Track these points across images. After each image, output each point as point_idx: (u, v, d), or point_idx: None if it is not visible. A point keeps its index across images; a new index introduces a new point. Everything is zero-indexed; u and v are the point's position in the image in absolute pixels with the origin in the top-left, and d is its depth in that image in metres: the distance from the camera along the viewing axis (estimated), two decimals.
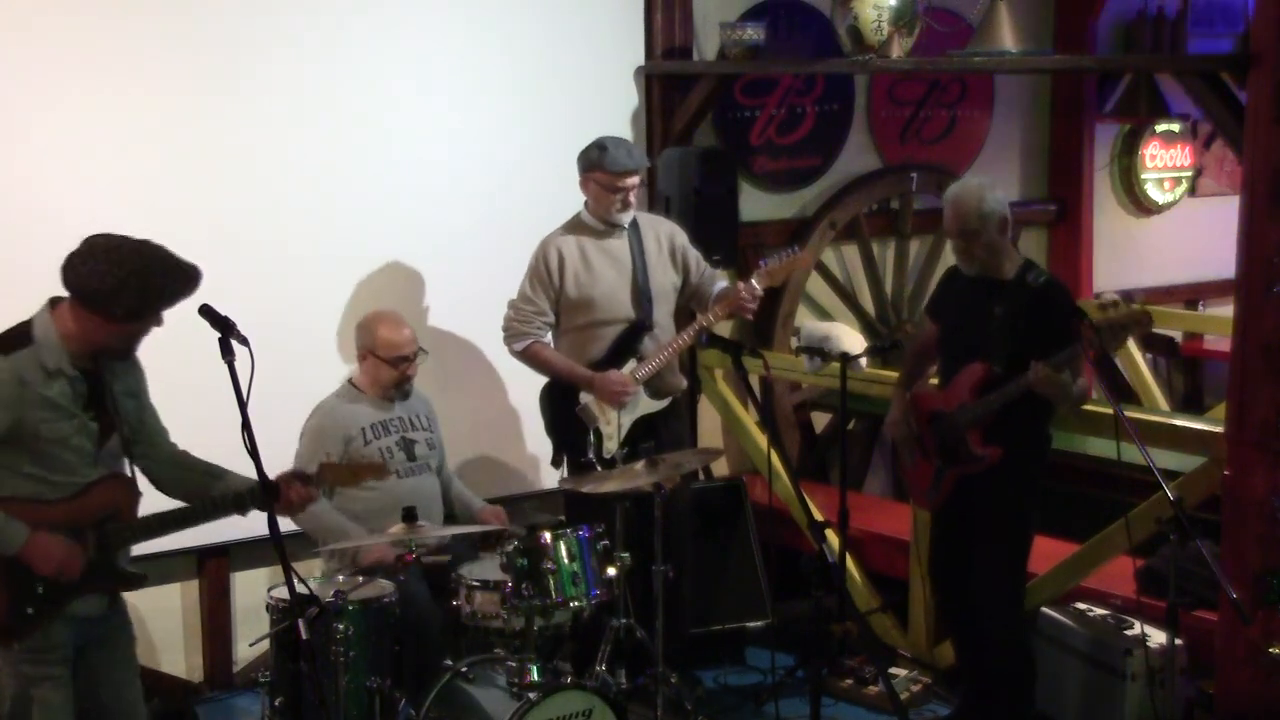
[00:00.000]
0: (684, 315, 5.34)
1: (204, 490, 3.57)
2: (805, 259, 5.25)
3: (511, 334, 5.03)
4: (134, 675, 3.67)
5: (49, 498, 3.33)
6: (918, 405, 4.60)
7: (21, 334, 3.34)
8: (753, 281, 4.92)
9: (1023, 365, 4.21)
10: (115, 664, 3.58)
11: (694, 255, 5.18)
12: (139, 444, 3.58)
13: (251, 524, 3.74)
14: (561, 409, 5.04)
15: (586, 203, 5.03)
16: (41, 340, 3.32)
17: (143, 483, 3.60)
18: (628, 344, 5.00)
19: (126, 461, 3.53)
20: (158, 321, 3.39)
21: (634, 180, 4.97)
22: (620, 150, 4.92)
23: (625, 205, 4.96)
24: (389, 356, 4.79)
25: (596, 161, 4.92)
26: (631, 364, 4.98)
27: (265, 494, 3.49)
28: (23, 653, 3.36)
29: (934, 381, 4.77)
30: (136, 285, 3.26)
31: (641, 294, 5.00)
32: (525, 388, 5.33)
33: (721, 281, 5.17)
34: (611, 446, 4.95)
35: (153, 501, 3.61)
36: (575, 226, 5.05)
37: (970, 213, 4.34)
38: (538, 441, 5.33)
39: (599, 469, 4.85)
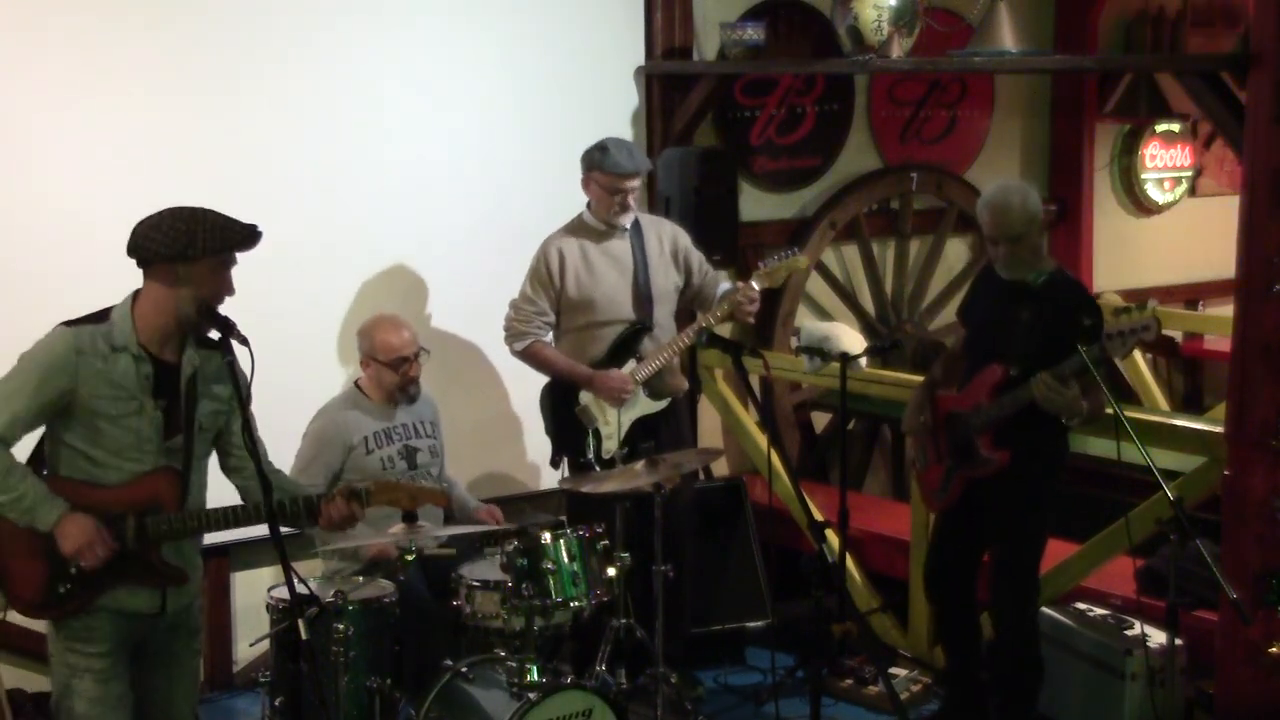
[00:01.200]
0: (685, 316, 5.34)
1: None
2: (803, 260, 5.25)
3: (512, 334, 5.04)
4: (190, 690, 3.61)
5: (99, 480, 3.33)
6: (936, 405, 4.59)
7: (99, 314, 3.37)
8: (751, 283, 4.93)
9: (1039, 370, 4.18)
10: (172, 676, 3.53)
11: (696, 257, 5.18)
12: (230, 455, 3.56)
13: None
14: (561, 409, 5.05)
15: (589, 203, 5.03)
16: (115, 319, 3.33)
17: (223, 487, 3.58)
18: (628, 345, 5.00)
19: (187, 460, 3.46)
20: (225, 282, 3.34)
21: (634, 183, 4.97)
22: (621, 152, 4.92)
23: (624, 208, 4.97)
24: (388, 359, 4.78)
25: (597, 162, 4.92)
26: (631, 364, 4.98)
27: (305, 510, 3.49)
28: (66, 640, 3.37)
29: None
30: (185, 227, 3.28)
31: (642, 295, 5.01)
32: (525, 388, 5.34)
33: (724, 284, 5.17)
34: (611, 447, 4.95)
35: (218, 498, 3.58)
36: (577, 227, 5.05)
37: (1016, 217, 4.27)
38: (538, 442, 5.33)
39: (598, 469, 4.85)
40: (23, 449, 3.36)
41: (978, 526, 4.52)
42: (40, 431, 3.38)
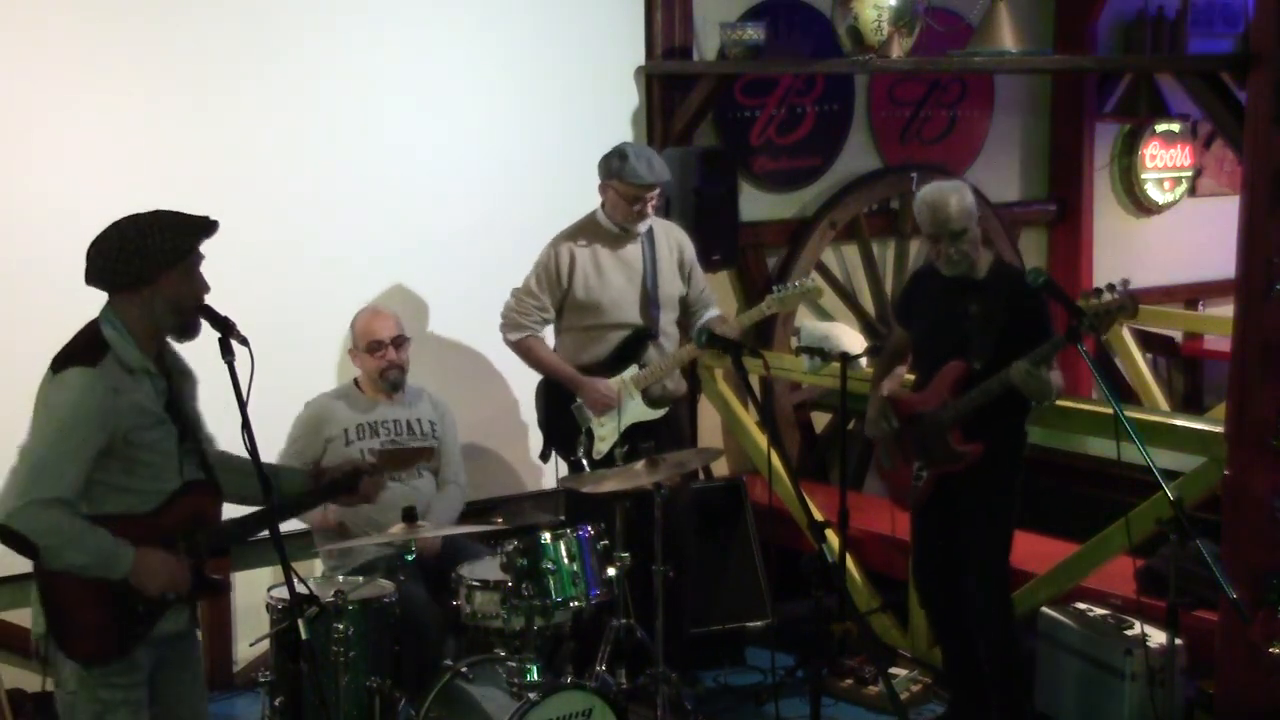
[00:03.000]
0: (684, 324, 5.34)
1: (249, 490, 3.44)
2: (818, 290, 5.29)
3: (509, 323, 5.04)
4: (204, 694, 3.58)
5: (137, 511, 3.22)
6: (897, 407, 4.60)
7: (90, 344, 3.20)
8: (761, 307, 4.96)
9: (1002, 362, 4.22)
10: (192, 685, 3.48)
11: (699, 273, 5.19)
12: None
13: None
14: (555, 404, 5.05)
15: (603, 204, 5.02)
16: (114, 344, 3.20)
17: None
18: (631, 349, 5.00)
19: (205, 465, 3.39)
20: (197, 282, 3.25)
21: (653, 194, 4.95)
22: (640, 163, 4.87)
23: (642, 216, 4.95)
24: (364, 345, 4.82)
25: (616, 170, 4.90)
26: (633, 369, 4.99)
27: (335, 487, 3.54)
28: (102, 677, 3.22)
29: (909, 377, 4.77)
30: (137, 245, 3.15)
31: (650, 301, 5.00)
32: (527, 388, 5.34)
33: (713, 310, 5.19)
34: (603, 449, 4.94)
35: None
36: (590, 227, 5.03)
37: (955, 213, 4.34)
38: (539, 442, 5.33)
39: (587, 470, 4.85)
40: None
41: (954, 522, 4.53)
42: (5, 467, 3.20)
